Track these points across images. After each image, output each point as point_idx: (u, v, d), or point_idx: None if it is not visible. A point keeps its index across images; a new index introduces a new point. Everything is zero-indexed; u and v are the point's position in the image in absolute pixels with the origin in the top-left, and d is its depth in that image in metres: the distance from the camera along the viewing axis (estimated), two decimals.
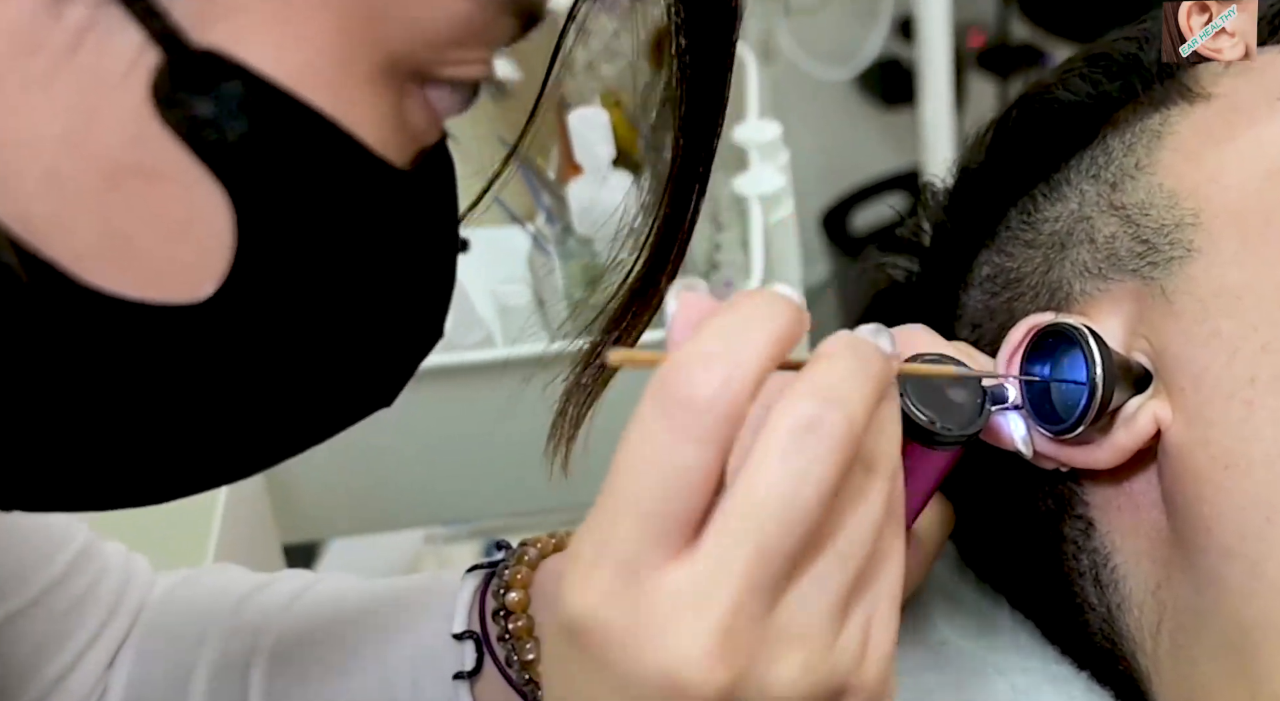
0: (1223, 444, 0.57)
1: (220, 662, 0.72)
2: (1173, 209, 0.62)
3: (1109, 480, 0.63)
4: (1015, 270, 0.68)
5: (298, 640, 0.73)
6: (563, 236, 1.04)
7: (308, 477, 1.01)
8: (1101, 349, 0.58)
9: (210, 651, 0.72)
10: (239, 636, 0.73)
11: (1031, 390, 0.61)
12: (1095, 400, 0.58)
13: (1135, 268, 0.62)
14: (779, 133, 1.18)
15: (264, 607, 0.74)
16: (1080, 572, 0.65)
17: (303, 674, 0.72)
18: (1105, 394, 0.58)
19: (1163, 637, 0.61)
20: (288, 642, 0.72)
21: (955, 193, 0.73)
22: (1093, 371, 0.58)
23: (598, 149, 0.99)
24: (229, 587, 0.76)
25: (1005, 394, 0.60)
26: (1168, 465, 0.59)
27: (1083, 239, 0.65)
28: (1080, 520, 0.64)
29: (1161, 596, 0.61)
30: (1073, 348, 0.59)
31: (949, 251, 0.73)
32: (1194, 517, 0.58)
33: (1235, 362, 0.57)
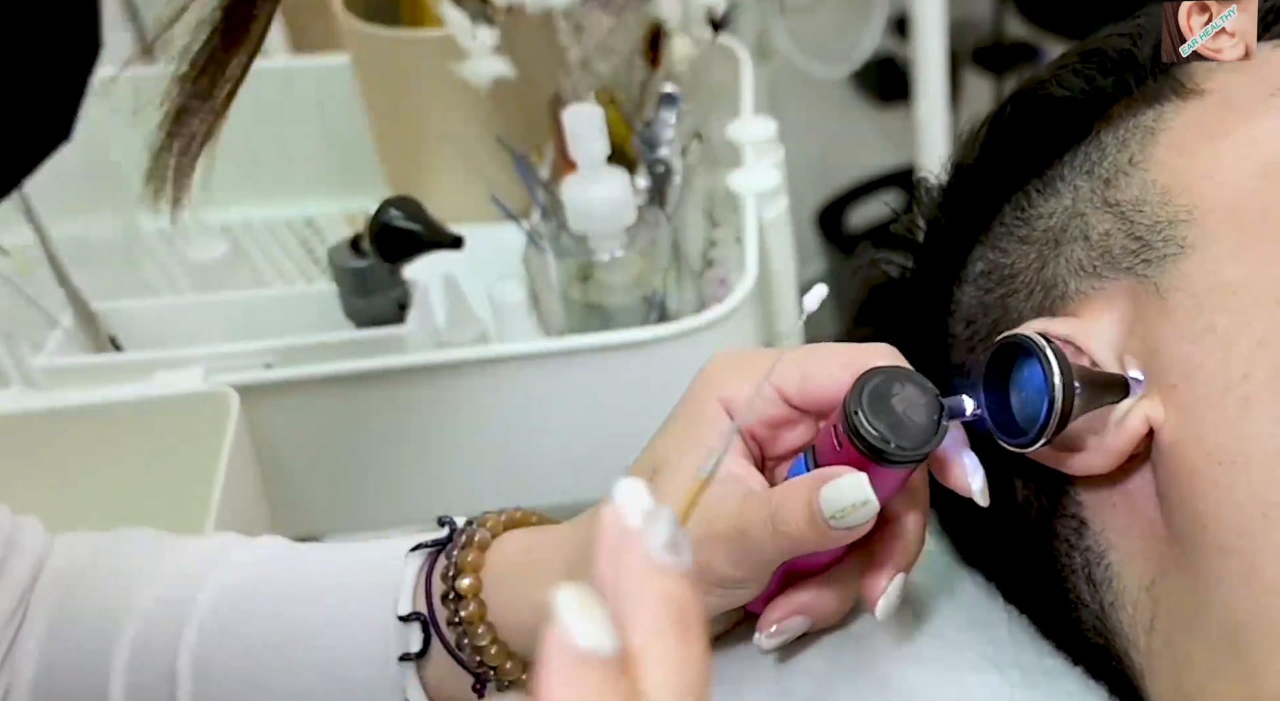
0: (1218, 440, 0.57)
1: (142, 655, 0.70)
2: (1166, 205, 0.62)
3: (1102, 480, 0.63)
4: (1010, 266, 0.68)
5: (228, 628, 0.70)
6: (557, 233, 1.04)
7: (304, 472, 1.01)
8: (1060, 360, 0.58)
9: (128, 645, 0.70)
10: (161, 628, 0.70)
11: (992, 402, 0.61)
12: (1055, 411, 0.58)
13: (1129, 266, 0.62)
14: (774, 130, 1.18)
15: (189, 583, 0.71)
16: (1073, 570, 0.65)
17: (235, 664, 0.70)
18: (1065, 405, 0.58)
19: (1156, 634, 0.61)
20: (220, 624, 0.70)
21: (950, 188, 0.73)
22: (1051, 382, 0.58)
23: (592, 145, 0.99)
24: (144, 566, 0.73)
25: (963, 408, 0.60)
26: (1162, 463, 0.59)
27: (1077, 236, 0.65)
28: (1073, 519, 0.65)
29: (1155, 593, 0.61)
30: (1031, 359, 0.60)
31: (943, 247, 0.73)
32: (1189, 515, 0.58)
33: (1230, 358, 0.57)
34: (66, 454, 0.97)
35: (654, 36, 1.14)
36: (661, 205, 1.06)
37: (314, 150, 1.36)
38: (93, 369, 0.97)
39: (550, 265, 1.04)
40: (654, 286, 1.04)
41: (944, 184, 0.74)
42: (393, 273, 1.00)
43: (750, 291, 1.03)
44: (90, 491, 0.97)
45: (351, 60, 1.25)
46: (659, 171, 1.07)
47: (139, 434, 0.96)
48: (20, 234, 0.98)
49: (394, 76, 1.21)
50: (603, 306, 1.04)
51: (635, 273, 1.04)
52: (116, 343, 1.00)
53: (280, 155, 1.35)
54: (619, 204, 1.01)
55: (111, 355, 0.99)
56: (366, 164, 1.33)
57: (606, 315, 1.04)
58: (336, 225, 1.37)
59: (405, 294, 1.02)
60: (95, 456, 0.96)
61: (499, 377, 0.99)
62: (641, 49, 1.14)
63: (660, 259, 1.05)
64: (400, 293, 1.01)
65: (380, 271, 0.99)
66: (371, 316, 1.01)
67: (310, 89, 1.34)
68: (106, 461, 0.96)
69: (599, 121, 0.99)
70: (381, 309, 1.01)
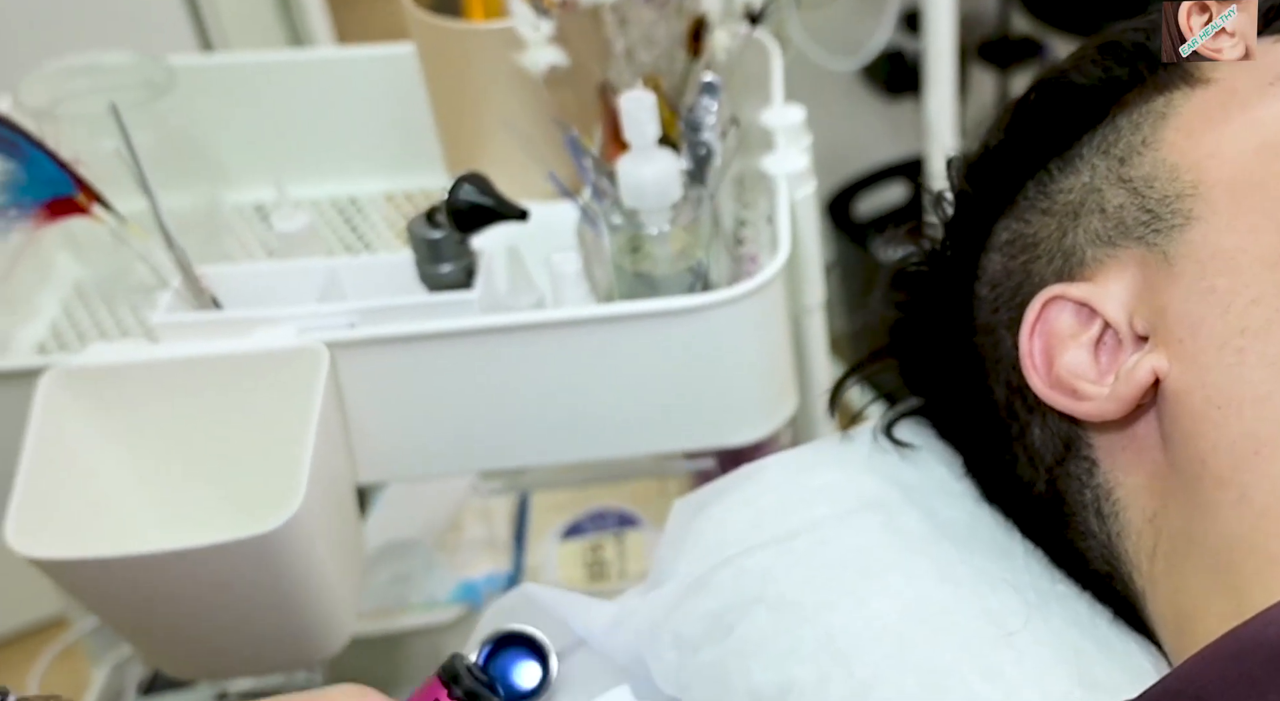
0: (1217, 386, 0.62)
1: None
2: (1174, 181, 0.67)
3: (1113, 425, 0.68)
4: (1032, 236, 0.73)
5: None
6: (610, 210, 1.09)
7: (379, 422, 1.06)
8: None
9: None
10: None
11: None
12: None
13: (1141, 235, 0.67)
14: (803, 117, 1.23)
15: None
16: (1084, 505, 0.70)
17: None
18: None
19: (1158, 559, 0.66)
20: None
21: (978, 165, 0.77)
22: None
23: (646, 128, 1.04)
24: None
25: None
26: (1167, 409, 0.65)
27: (1094, 208, 0.70)
28: (1085, 460, 0.70)
29: (1158, 524, 0.67)
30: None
31: (972, 218, 0.77)
32: (1190, 452, 0.63)
33: (1228, 315, 0.62)
34: (178, 399, 1.02)
35: (696, 29, 1.20)
36: (703, 184, 1.11)
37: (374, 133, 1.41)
38: (200, 325, 1.03)
39: (603, 237, 1.09)
40: (697, 258, 1.09)
41: (973, 160, 0.78)
42: (462, 243, 1.05)
43: (783, 265, 1.07)
44: (199, 432, 1.04)
45: (416, 49, 1.29)
46: (701, 154, 1.11)
47: (240, 383, 1.02)
48: (128, 204, 1.05)
49: (457, 64, 1.25)
50: (651, 276, 1.08)
51: (680, 246, 1.08)
52: (217, 302, 1.05)
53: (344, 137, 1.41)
54: (667, 182, 1.06)
55: (216, 313, 1.04)
56: (418, 145, 1.39)
57: (654, 284, 1.09)
58: (379, 204, 1.42)
59: (473, 262, 1.07)
60: (202, 402, 1.02)
61: (555, 340, 1.04)
62: (684, 41, 1.20)
63: (703, 234, 1.09)
64: (468, 261, 1.06)
65: (452, 242, 1.04)
66: (442, 282, 1.06)
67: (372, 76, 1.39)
68: (212, 406, 1.02)
69: (652, 106, 1.04)
70: (452, 276, 1.06)
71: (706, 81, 1.13)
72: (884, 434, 0.83)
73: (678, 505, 0.86)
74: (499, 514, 1.55)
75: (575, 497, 1.55)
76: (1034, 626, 0.71)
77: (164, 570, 0.92)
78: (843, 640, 0.71)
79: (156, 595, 0.95)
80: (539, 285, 1.14)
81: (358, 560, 1.11)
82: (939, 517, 0.78)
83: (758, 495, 0.82)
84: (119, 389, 1.02)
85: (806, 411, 1.28)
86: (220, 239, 1.32)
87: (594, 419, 1.09)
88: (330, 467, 0.98)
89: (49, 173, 1.00)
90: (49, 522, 0.95)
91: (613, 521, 1.52)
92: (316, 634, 1.04)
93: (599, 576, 1.46)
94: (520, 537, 1.53)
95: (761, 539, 0.77)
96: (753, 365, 1.09)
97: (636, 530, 1.50)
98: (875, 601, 0.72)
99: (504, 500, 1.56)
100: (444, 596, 1.47)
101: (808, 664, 0.71)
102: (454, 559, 1.51)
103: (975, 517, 0.78)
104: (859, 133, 2.66)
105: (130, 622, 1.04)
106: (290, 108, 1.40)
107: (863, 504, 0.78)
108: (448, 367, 1.04)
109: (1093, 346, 0.69)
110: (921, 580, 0.73)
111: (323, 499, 0.97)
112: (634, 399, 1.08)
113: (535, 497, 1.56)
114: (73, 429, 1.00)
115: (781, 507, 0.80)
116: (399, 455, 1.09)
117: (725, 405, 1.10)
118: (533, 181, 1.19)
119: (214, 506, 1.04)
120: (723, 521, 0.81)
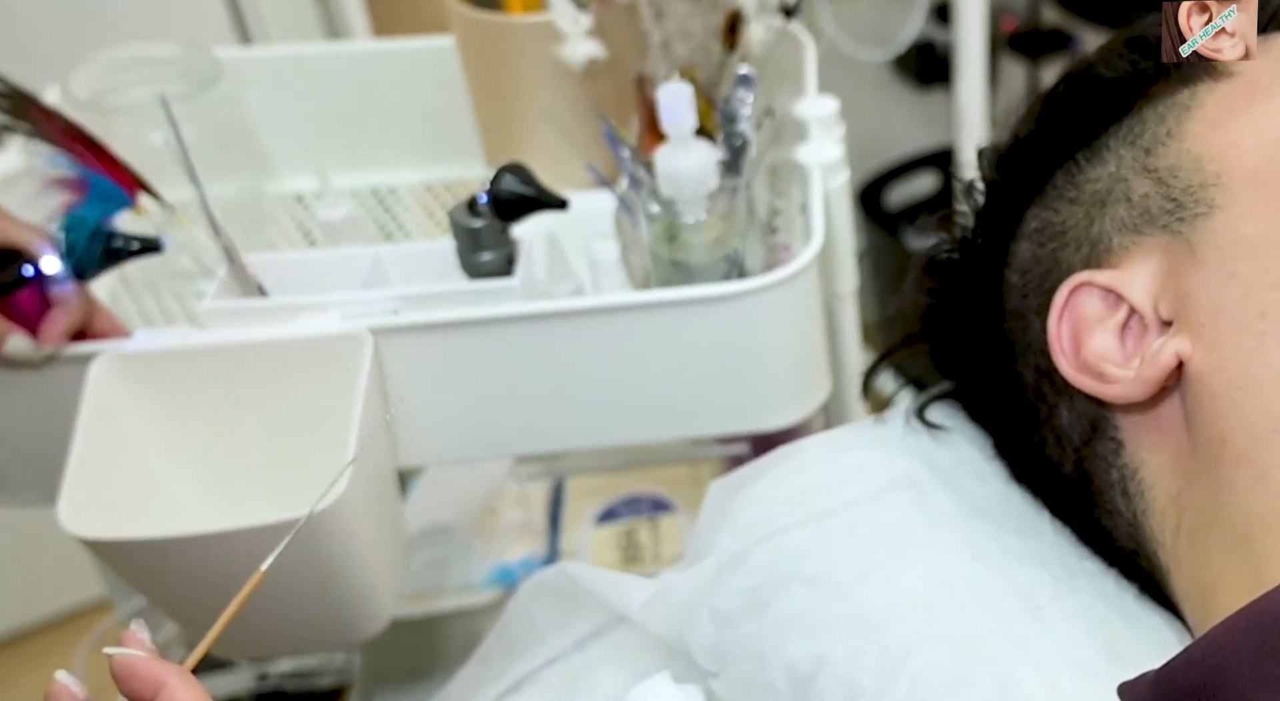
0: (1238, 368, 0.64)
1: None
2: (1198, 171, 0.68)
3: (1138, 407, 0.70)
4: (1061, 223, 0.75)
5: None
6: (647, 199, 1.10)
7: (421, 406, 1.08)
8: None
9: None
10: None
11: None
12: None
13: (1165, 223, 0.69)
14: (836, 108, 1.25)
15: None
16: (1110, 484, 0.72)
17: None
18: None
19: (1181, 536, 0.68)
20: None
21: (1008, 155, 0.79)
22: None
23: (683, 119, 1.06)
24: None
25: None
26: (1189, 390, 0.66)
27: (1120, 197, 0.71)
28: (1112, 441, 0.71)
29: (1181, 502, 0.68)
30: None
31: (1002, 207, 0.79)
32: (1212, 433, 0.65)
33: (1249, 299, 0.64)
34: (224, 385, 1.04)
35: (731, 22, 1.21)
36: (739, 174, 1.12)
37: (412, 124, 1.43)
38: (246, 311, 1.05)
39: (641, 226, 1.10)
40: (733, 246, 1.10)
41: (1003, 151, 0.80)
42: (503, 231, 1.07)
43: (817, 253, 1.08)
44: (244, 416, 1.06)
45: (456, 42, 1.31)
46: (736, 144, 1.12)
47: (285, 368, 1.04)
48: (174, 193, 1.07)
49: (496, 57, 1.27)
50: (687, 264, 1.10)
51: (716, 234, 1.09)
52: (263, 289, 1.07)
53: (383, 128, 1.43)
54: (704, 172, 1.07)
55: (262, 300, 1.06)
56: (456, 136, 1.40)
57: (690, 272, 1.10)
58: (418, 193, 1.44)
59: (513, 250, 1.08)
60: (248, 387, 1.04)
61: (593, 326, 1.05)
62: (720, 33, 1.21)
63: (738, 222, 1.10)
64: (509, 249, 1.08)
65: (493, 230, 1.06)
66: (483, 270, 1.08)
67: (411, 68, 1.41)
68: (258, 392, 1.04)
69: (690, 98, 1.05)
70: (492, 263, 1.07)
71: (741, 73, 1.14)
72: (916, 416, 0.85)
73: (714, 486, 0.88)
74: (534, 498, 1.56)
75: (610, 482, 1.56)
76: (1062, 601, 0.73)
77: (211, 551, 0.94)
78: (875, 614, 0.73)
79: (203, 576, 0.96)
80: (577, 273, 1.15)
81: (399, 544, 1.13)
82: (970, 497, 0.80)
83: (794, 474, 0.84)
84: (168, 374, 1.04)
85: (839, 396, 1.29)
86: (263, 227, 1.34)
87: (631, 403, 1.10)
88: (373, 452, 1.00)
89: (108, 190, 1.02)
90: (100, 505, 0.97)
91: (647, 506, 1.54)
92: (358, 617, 1.06)
93: (633, 560, 1.47)
94: (555, 522, 1.54)
95: (798, 517, 0.79)
96: (786, 351, 1.11)
97: (670, 515, 1.52)
98: (907, 576, 0.74)
99: (539, 485, 1.57)
100: (480, 580, 1.49)
101: (841, 638, 0.73)
102: (490, 543, 1.52)
103: (1005, 497, 0.80)
104: (890, 123, 2.67)
105: (178, 602, 1.05)
106: (331, 99, 1.42)
107: (896, 483, 0.80)
108: (488, 353, 1.06)
109: (1119, 331, 0.70)
110: (952, 556, 0.75)
111: (365, 483, 0.99)
112: (670, 384, 1.09)
113: (570, 482, 1.58)
114: (123, 413, 1.03)
115: (817, 486, 0.82)
116: (440, 439, 1.10)
117: (759, 390, 1.12)
118: (571, 171, 1.21)
119: (259, 490, 1.05)
120: (761, 499, 0.83)
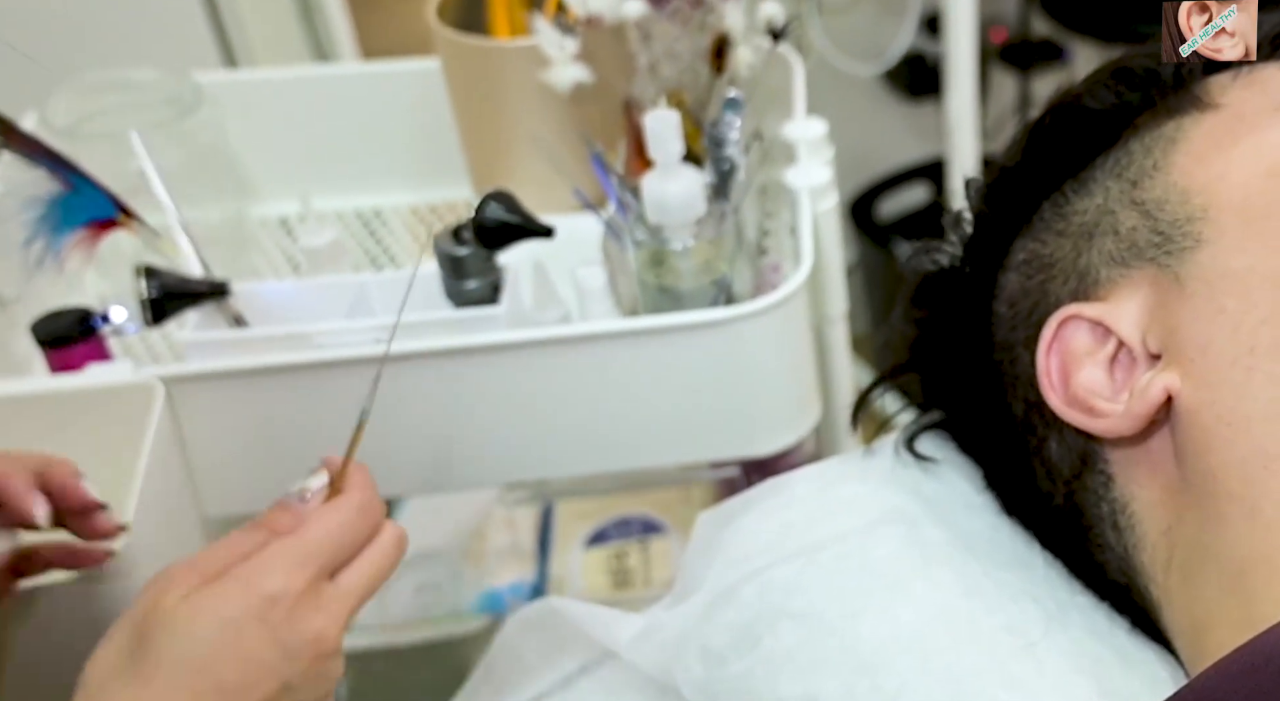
0: (1226, 403, 0.64)
1: None
2: (1185, 204, 0.68)
3: (1128, 441, 0.69)
4: (1048, 256, 0.74)
5: None
6: (634, 224, 1.09)
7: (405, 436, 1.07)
8: None
9: None
10: None
11: None
12: None
13: (1153, 256, 0.68)
14: (825, 130, 1.24)
15: None
16: (1100, 518, 0.71)
17: None
18: None
19: (1173, 571, 0.68)
20: None
21: (995, 187, 0.79)
22: None
23: (670, 145, 1.05)
24: None
25: None
26: (1179, 425, 0.66)
27: (1107, 230, 0.71)
28: (1101, 475, 0.71)
29: (1172, 536, 0.68)
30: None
31: (990, 238, 0.78)
32: (1202, 468, 0.65)
33: (1237, 334, 0.64)
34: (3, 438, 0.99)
35: (719, 45, 1.21)
36: (727, 198, 1.11)
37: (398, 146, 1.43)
38: (227, 343, 1.04)
39: (628, 252, 1.09)
40: (721, 272, 1.09)
41: (990, 182, 0.79)
42: (488, 259, 1.06)
43: (806, 277, 1.08)
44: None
45: (442, 66, 1.30)
46: (724, 168, 1.12)
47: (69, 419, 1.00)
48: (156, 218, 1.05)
49: (482, 81, 1.26)
50: (675, 290, 1.09)
51: (704, 259, 1.08)
52: (241, 320, 1.06)
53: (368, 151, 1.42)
54: (692, 198, 1.07)
55: (243, 331, 1.05)
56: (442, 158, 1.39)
57: (678, 297, 1.09)
58: (403, 216, 1.43)
59: (498, 278, 1.07)
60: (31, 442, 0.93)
61: (581, 354, 1.04)
62: (708, 57, 1.21)
63: (726, 247, 1.10)
64: (494, 277, 1.07)
65: (478, 258, 1.05)
66: (469, 298, 1.07)
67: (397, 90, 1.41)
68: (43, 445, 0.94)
69: (677, 125, 1.05)
70: (478, 291, 1.06)
71: (730, 97, 1.14)
72: (905, 448, 0.84)
73: (703, 517, 0.87)
74: (523, 522, 1.56)
75: (599, 506, 1.55)
76: (1054, 636, 0.72)
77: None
78: (867, 651, 0.72)
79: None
80: (564, 299, 1.15)
81: None
82: (960, 530, 0.79)
83: (783, 507, 0.83)
84: None
85: (830, 420, 1.28)
86: (247, 253, 1.33)
87: (619, 430, 1.10)
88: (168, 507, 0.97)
89: (91, 196, 1.02)
90: None
91: (637, 529, 1.53)
92: None
93: (624, 584, 1.47)
94: (545, 546, 1.54)
95: (787, 551, 0.78)
96: (776, 376, 1.10)
97: (661, 537, 1.51)
98: (899, 611, 0.74)
99: (528, 509, 1.56)
100: (469, 606, 1.48)
101: (833, 675, 0.72)
102: (479, 568, 1.51)
103: (996, 530, 0.79)
104: (881, 135, 2.68)
105: None
106: (317, 121, 1.41)
107: (885, 517, 0.79)
108: (474, 381, 1.05)
109: (1108, 364, 0.70)
110: (944, 591, 0.74)
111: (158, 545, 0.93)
112: (659, 410, 1.09)
113: (559, 506, 1.57)
114: None
115: (807, 520, 0.81)
116: (425, 469, 1.10)
117: (750, 415, 1.11)
118: (557, 195, 1.20)
119: None
120: (749, 533, 0.82)
